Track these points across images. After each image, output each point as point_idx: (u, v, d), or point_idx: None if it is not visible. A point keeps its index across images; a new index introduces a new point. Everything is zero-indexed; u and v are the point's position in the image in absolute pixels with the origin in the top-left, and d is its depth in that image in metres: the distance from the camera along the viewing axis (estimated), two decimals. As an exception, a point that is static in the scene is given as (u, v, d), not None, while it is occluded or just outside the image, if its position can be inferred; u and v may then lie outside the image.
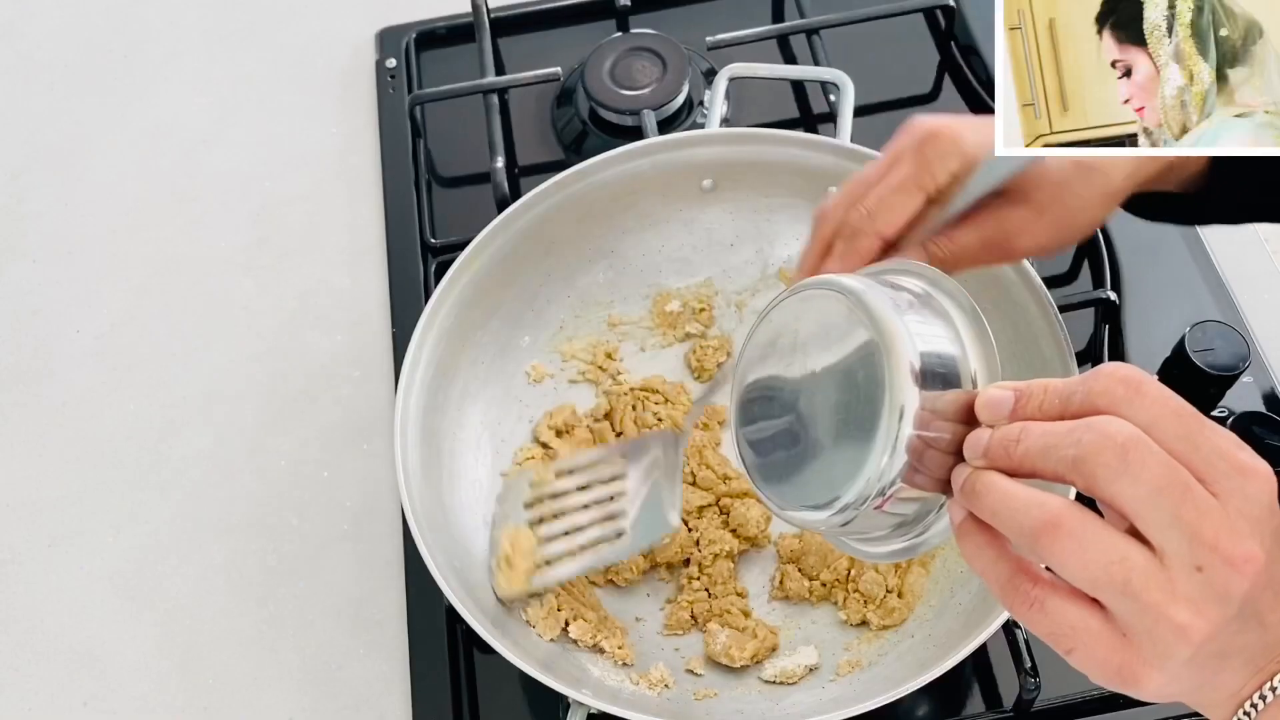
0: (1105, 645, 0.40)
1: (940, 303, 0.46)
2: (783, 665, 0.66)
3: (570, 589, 0.67)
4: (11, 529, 0.77)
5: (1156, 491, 0.38)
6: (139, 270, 0.87)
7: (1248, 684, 0.42)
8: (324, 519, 0.76)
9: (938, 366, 0.43)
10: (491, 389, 0.73)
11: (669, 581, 0.70)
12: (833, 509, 0.44)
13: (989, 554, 0.42)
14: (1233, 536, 0.38)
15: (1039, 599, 0.41)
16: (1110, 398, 0.40)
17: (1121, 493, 0.39)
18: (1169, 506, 0.38)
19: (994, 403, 0.42)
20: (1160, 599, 0.39)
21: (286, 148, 0.93)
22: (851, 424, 0.44)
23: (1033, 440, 0.41)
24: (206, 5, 1.02)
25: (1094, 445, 0.39)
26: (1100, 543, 0.39)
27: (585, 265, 0.76)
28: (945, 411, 0.43)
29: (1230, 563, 0.38)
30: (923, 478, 0.43)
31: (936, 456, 0.43)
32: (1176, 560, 0.39)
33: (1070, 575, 0.40)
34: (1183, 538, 0.38)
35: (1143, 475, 0.38)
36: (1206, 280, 0.79)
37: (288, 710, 0.70)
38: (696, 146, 0.74)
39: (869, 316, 0.44)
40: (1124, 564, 0.39)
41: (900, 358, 0.42)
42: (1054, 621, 0.41)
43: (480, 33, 0.92)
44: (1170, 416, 0.39)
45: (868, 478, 0.43)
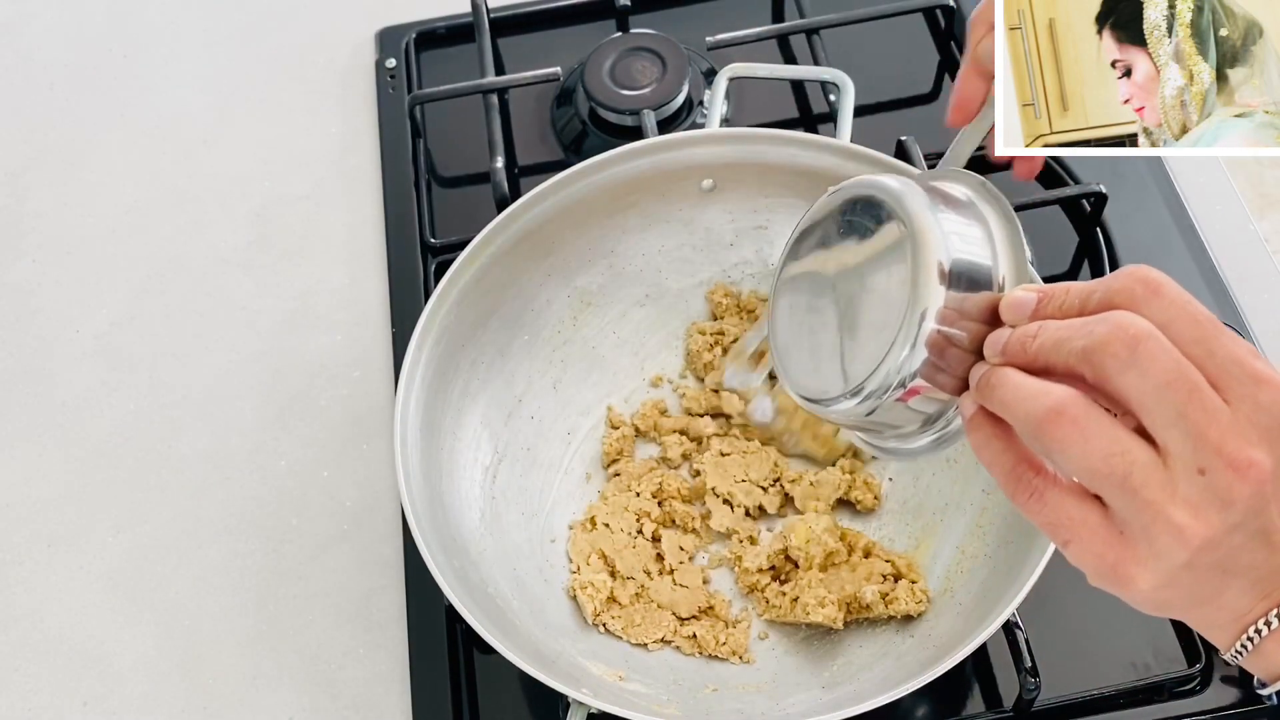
0: (1101, 540, 0.41)
1: (981, 209, 0.47)
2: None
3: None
4: (11, 529, 0.77)
5: (1164, 386, 0.38)
6: (139, 270, 0.87)
7: (1254, 608, 0.42)
8: (324, 519, 0.76)
9: (966, 268, 0.44)
10: (491, 389, 0.73)
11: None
12: (857, 397, 0.46)
13: (997, 445, 0.43)
14: (1239, 441, 0.38)
15: (1039, 489, 0.42)
16: (1129, 295, 0.40)
17: (1129, 385, 0.39)
18: (1175, 403, 0.38)
19: (1017, 304, 0.43)
20: (1159, 497, 0.39)
21: (286, 148, 0.93)
22: (879, 317, 0.46)
23: (1048, 335, 0.41)
24: (206, 5, 1.02)
25: (1104, 336, 0.39)
26: (1102, 434, 0.39)
27: (585, 265, 0.76)
28: (970, 311, 0.44)
29: (1234, 467, 0.38)
30: (945, 376, 0.44)
31: (959, 355, 0.44)
32: (1179, 460, 0.39)
33: (1071, 464, 0.40)
34: (1187, 437, 0.38)
35: (1151, 369, 0.38)
36: (1206, 280, 0.79)
37: (288, 710, 0.70)
38: (696, 146, 0.74)
39: (905, 215, 0.45)
40: (1124, 457, 0.39)
41: (930, 256, 0.44)
42: (1053, 512, 0.42)
43: (480, 33, 0.92)
44: (1187, 319, 0.39)
45: (889, 368, 0.44)
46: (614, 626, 0.68)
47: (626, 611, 0.69)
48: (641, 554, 0.70)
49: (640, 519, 0.72)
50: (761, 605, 0.69)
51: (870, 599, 0.65)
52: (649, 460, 0.75)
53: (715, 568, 0.72)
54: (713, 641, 0.68)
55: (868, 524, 0.72)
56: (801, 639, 0.68)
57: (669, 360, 0.78)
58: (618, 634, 0.68)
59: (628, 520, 0.71)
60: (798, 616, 0.66)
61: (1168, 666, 0.66)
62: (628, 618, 0.68)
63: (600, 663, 0.66)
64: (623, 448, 0.75)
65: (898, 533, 0.71)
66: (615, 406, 0.77)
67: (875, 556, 0.69)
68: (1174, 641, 0.67)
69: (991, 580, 0.64)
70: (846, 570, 0.68)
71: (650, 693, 0.65)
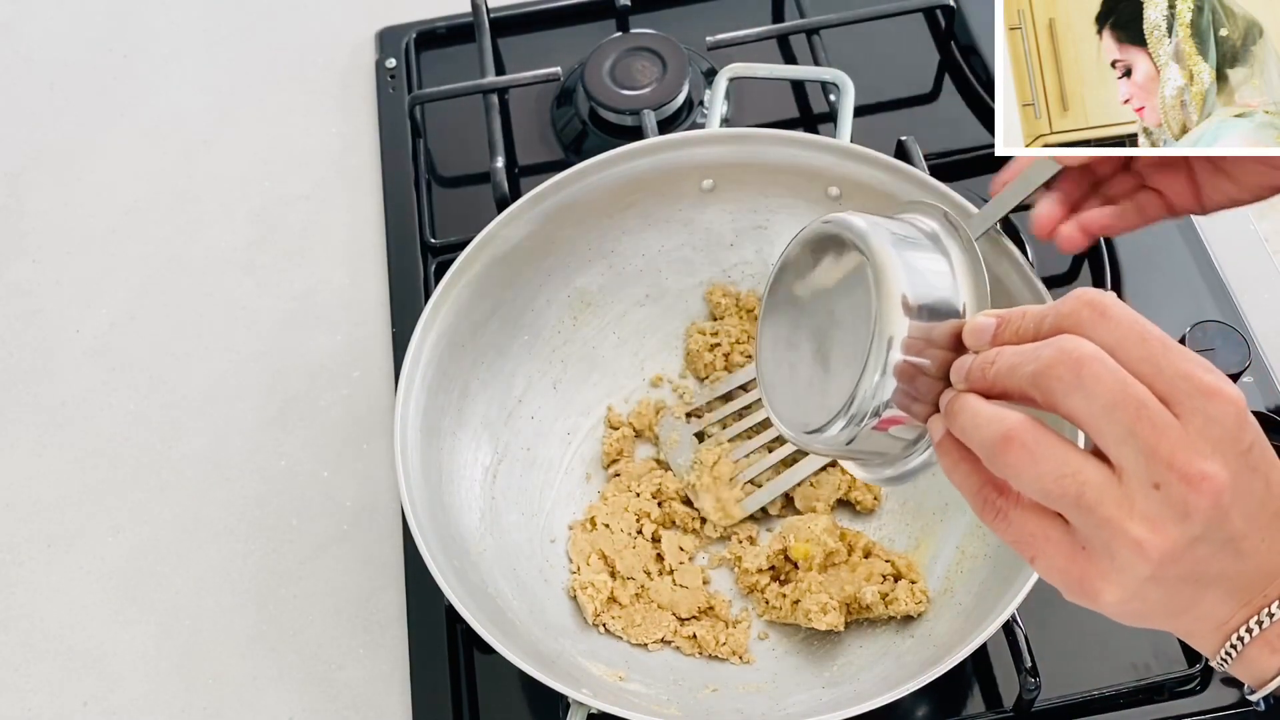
0: (1064, 555, 0.42)
1: (944, 242, 0.50)
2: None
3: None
4: (11, 529, 0.77)
5: (1110, 406, 0.39)
6: (139, 270, 0.88)
7: (1235, 615, 0.43)
8: (323, 519, 0.76)
9: (928, 299, 0.47)
10: (491, 389, 0.73)
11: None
12: (835, 427, 0.49)
13: (964, 468, 0.45)
14: (1190, 455, 0.39)
15: (1003, 509, 0.44)
16: (1076, 319, 0.41)
17: (1076, 408, 0.40)
18: (1124, 421, 0.39)
19: (977, 329, 0.45)
20: (1116, 514, 0.40)
21: (286, 148, 0.93)
22: (849, 350, 0.48)
23: (1003, 361, 0.43)
24: (206, 5, 1.02)
25: (1049, 360, 0.40)
26: (1052, 456, 0.41)
27: (585, 265, 0.76)
28: (936, 340, 0.47)
29: (1187, 480, 0.39)
30: (918, 404, 0.47)
31: (928, 382, 0.47)
32: (1134, 477, 0.40)
33: (1024, 487, 0.42)
34: (1139, 454, 0.39)
35: (1096, 389, 0.39)
36: (1206, 280, 0.79)
37: (288, 710, 0.70)
38: (696, 146, 0.74)
39: (869, 252, 0.48)
40: (1075, 478, 0.40)
41: (893, 289, 0.47)
42: (1017, 530, 0.44)
43: (480, 33, 0.92)
44: (1134, 339, 0.40)
45: (862, 398, 0.47)
46: (614, 627, 0.68)
47: (626, 612, 0.69)
48: (641, 554, 0.70)
49: (640, 519, 0.72)
50: (761, 606, 0.69)
51: (870, 599, 0.65)
52: (648, 460, 0.75)
53: (715, 568, 0.72)
54: (713, 642, 0.68)
55: (868, 524, 0.72)
56: (801, 639, 0.68)
57: (669, 360, 0.78)
58: (618, 634, 0.68)
59: (627, 520, 0.71)
60: (798, 618, 0.66)
61: (1168, 666, 0.66)
62: (628, 618, 0.68)
63: (600, 663, 0.66)
64: (622, 448, 0.75)
65: (898, 533, 0.71)
66: (615, 406, 0.77)
67: (875, 557, 0.68)
68: (1174, 641, 0.67)
69: (991, 580, 0.64)
70: (846, 570, 0.68)
71: (650, 693, 0.65)
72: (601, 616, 0.68)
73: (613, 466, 0.75)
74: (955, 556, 0.67)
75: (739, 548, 0.71)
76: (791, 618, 0.67)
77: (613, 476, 0.74)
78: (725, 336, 0.76)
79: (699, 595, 0.69)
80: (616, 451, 0.75)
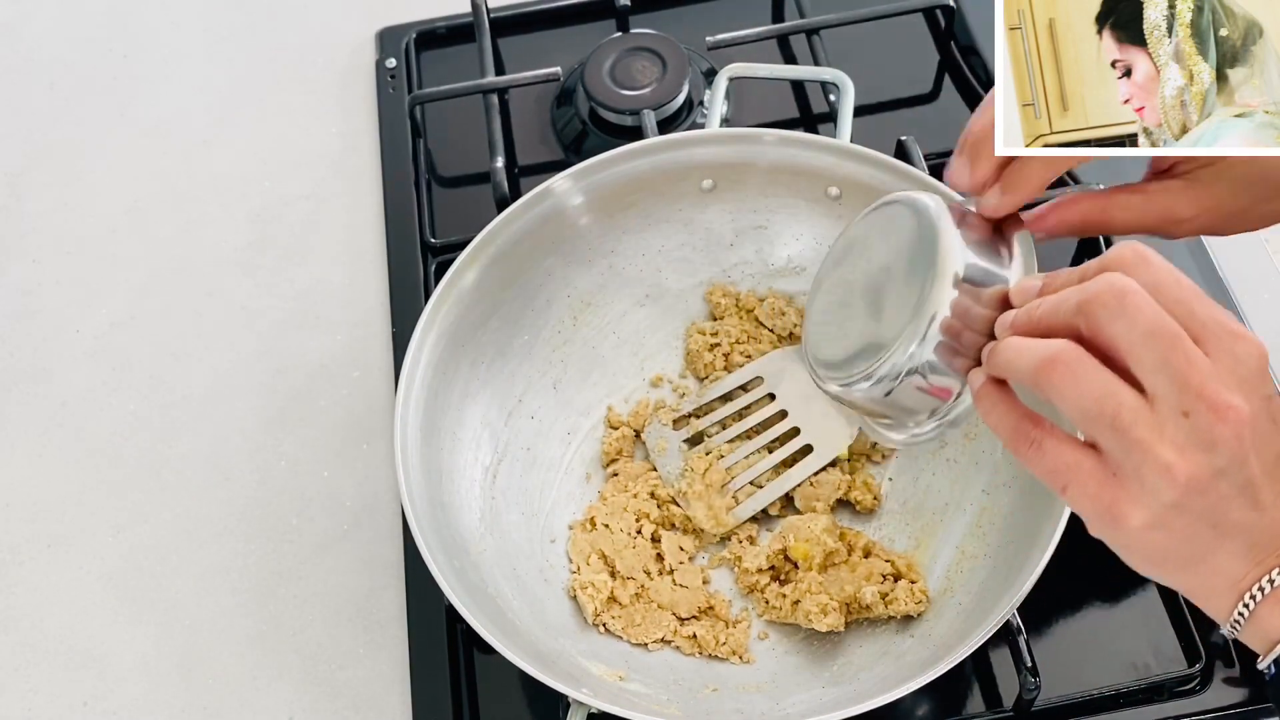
0: (1095, 482, 0.44)
1: (1001, 228, 0.53)
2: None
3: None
4: (11, 529, 0.77)
5: (1149, 334, 0.42)
6: (139, 270, 0.88)
7: (1248, 573, 0.44)
8: (324, 519, 0.76)
9: (979, 270, 0.50)
10: (491, 389, 0.73)
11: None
12: (875, 377, 0.51)
13: (1001, 408, 0.47)
14: (1218, 386, 0.42)
15: (1038, 439, 0.46)
16: (1120, 260, 0.45)
17: (1117, 333, 0.43)
18: (1160, 350, 0.42)
19: (1025, 288, 0.48)
20: (1147, 437, 0.42)
21: (286, 148, 0.93)
22: (901, 310, 0.51)
23: (1049, 301, 0.46)
24: (206, 5, 1.02)
25: (1095, 289, 0.43)
26: (1094, 378, 0.43)
27: (585, 265, 0.76)
28: (983, 301, 0.49)
29: (1214, 409, 0.42)
30: (960, 358, 0.49)
31: (971, 338, 0.49)
32: (1164, 404, 0.42)
33: (1066, 406, 0.44)
34: (1171, 382, 0.42)
35: (1138, 318, 0.42)
36: (1206, 280, 0.79)
37: (288, 710, 0.70)
38: (696, 146, 0.74)
39: (932, 224, 0.51)
40: (1114, 399, 0.43)
41: (949, 260, 0.49)
42: (1051, 459, 0.45)
43: (480, 33, 0.92)
44: (1171, 282, 0.44)
45: (908, 350, 0.49)
46: (614, 626, 0.68)
47: (626, 611, 0.69)
48: (641, 554, 0.70)
49: (640, 519, 0.72)
50: (761, 606, 0.69)
51: (870, 599, 0.65)
52: (648, 461, 0.75)
53: (715, 568, 0.72)
54: (713, 641, 0.68)
55: (867, 524, 0.72)
56: (801, 639, 0.68)
57: (669, 360, 0.78)
58: (618, 634, 0.68)
59: (627, 520, 0.71)
60: (798, 619, 0.66)
61: (1168, 666, 0.66)
62: (628, 618, 0.68)
63: (600, 663, 0.66)
64: (622, 448, 0.75)
65: (897, 533, 0.71)
66: (615, 406, 0.77)
67: (875, 556, 0.68)
68: (1174, 642, 0.67)
69: (991, 580, 0.64)
70: (846, 570, 0.68)
71: (650, 693, 0.65)
72: (601, 616, 0.68)
73: (612, 466, 0.75)
74: (955, 556, 0.67)
75: (739, 548, 0.71)
76: (791, 618, 0.67)
77: (612, 476, 0.74)
78: (725, 336, 0.76)
79: (699, 595, 0.69)
80: (616, 451, 0.75)
